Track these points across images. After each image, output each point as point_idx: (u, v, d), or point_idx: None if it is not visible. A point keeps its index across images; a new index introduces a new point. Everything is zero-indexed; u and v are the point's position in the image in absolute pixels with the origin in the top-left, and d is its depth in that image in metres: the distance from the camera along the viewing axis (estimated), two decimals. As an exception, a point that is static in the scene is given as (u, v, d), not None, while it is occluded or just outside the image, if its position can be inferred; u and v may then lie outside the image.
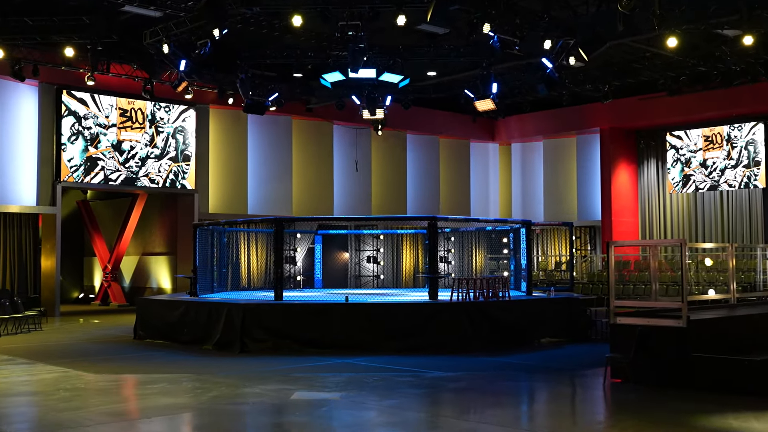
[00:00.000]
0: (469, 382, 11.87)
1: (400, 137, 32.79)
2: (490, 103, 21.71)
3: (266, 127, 29.50)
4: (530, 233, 18.73)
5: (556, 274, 29.49)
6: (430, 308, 15.78)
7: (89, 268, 33.43)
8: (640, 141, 31.22)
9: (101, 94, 26.20)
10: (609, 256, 11.54)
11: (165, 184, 27.56)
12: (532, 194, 34.34)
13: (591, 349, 15.64)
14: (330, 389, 10.93)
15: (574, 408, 10.34)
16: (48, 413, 9.49)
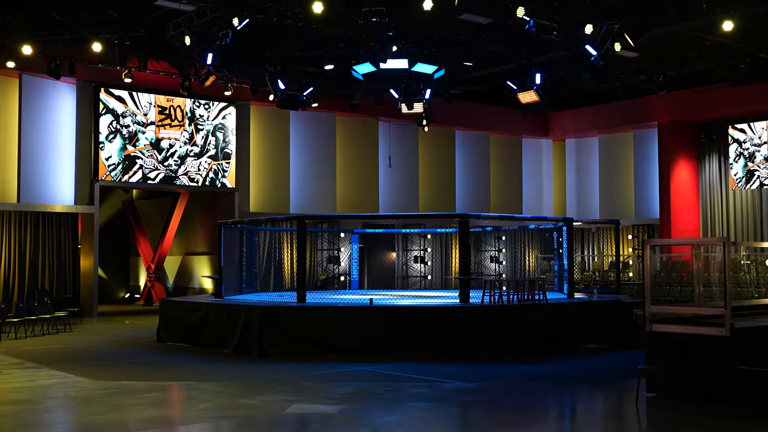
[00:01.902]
0: (488, 394, 10.83)
1: (448, 133, 31.73)
2: (533, 94, 20.55)
3: (309, 124, 28.78)
4: (571, 231, 17.54)
5: (611, 275, 28.12)
6: (458, 312, 14.75)
7: (135, 268, 33.23)
8: (701, 135, 29.61)
9: (139, 92, 25.80)
10: (645, 256, 10.38)
11: (205, 183, 27.04)
12: (588, 192, 32.94)
13: (634, 357, 14.35)
14: (332, 401, 10.03)
15: (600, 428, 9.23)
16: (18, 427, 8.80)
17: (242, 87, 25.98)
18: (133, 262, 33.30)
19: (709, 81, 25.81)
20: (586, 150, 33.16)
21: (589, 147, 33.01)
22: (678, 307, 12.60)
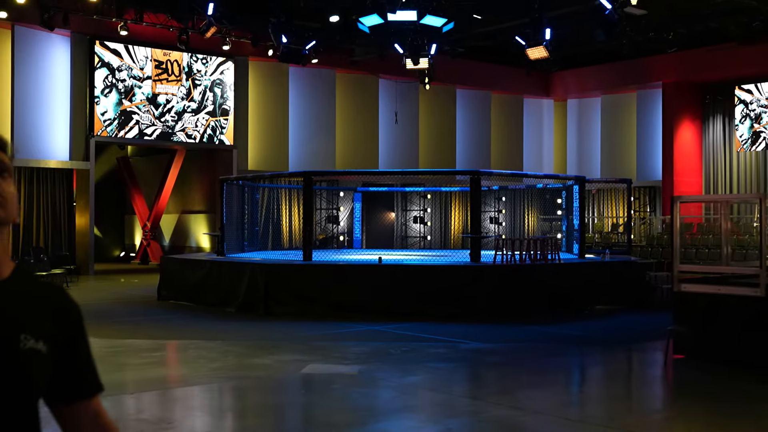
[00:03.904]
0: (508, 355, 10.47)
1: (449, 92, 31.15)
2: (543, 50, 20.00)
3: (308, 81, 28.15)
4: (584, 190, 17.11)
5: (613, 237, 27.79)
6: (470, 271, 14.37)
7: (130, 227, 32.72)
8: (706, 95, 29.12)
9: (135, 45, 25.11)
10: (674, 213, 9.97)
11: (202, 140, 26.47)
12: (589, 153, 32.51)
13: (649, 319, 14.10)
14: (348, 362, 9.64)
15: (629, 390, 8.89)
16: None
17: (241, 41, 25.31)
18: (128, 220, 32.79)
19: (720, 40, 25.26)
20: (588, 110, 32.67)
21: (592, 107, 32.51)
22: (709, 267, 12.22)
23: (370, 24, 18.39)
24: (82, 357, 1.92)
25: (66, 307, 1.92)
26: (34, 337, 1.79)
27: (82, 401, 1.92)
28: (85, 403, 1.92)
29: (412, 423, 6.97)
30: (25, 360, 1.77)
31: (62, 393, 1.89)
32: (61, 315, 1.89)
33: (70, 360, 1.89)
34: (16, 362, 1.76)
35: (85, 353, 1.93)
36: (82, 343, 1.93)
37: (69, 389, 1.90)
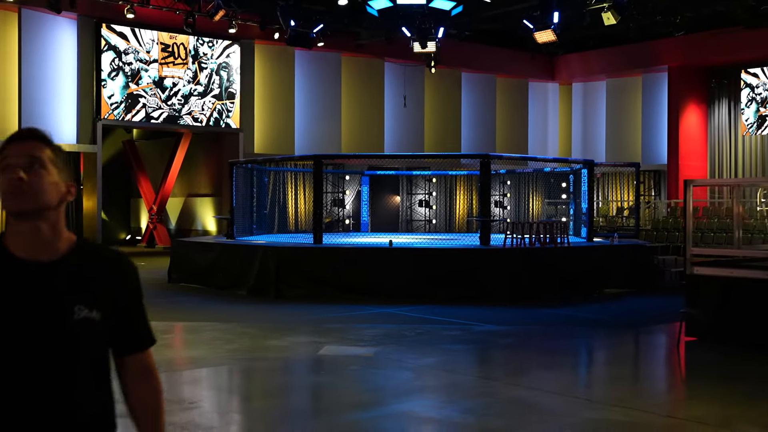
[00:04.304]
0: (521, 337, 10.57)
1: (455, 75, 31.14)
2: (550, 34, 20.01)
3: (314, 64, 28.13)
4: (592, 174, 17.16)
5: (618, 221, 27.85)
6: (480, 254, 14.44)
7: (136, 210, 32.79)
8: (712, 79, 29.12)
9: (142, 28, 25.09)
10: (687, 197, 10.03)
11: (209, 123, 26.50)
12: (594, 137, 32.52)
13: (659, 302, 14.20)
14: (364, 343, 9.74)
15: (644, 372, 8.98)
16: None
17: (247, 24, 25.31)
18: (133, 203, 32.85)
19: (726, 24, 25.22)
20: (593, 94, 32.65)
21: (597, 91, 32.49)
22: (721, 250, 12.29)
23: (379, 7, 18.39)
24: (136, 317, 2.21)
25: (122, 275, 2.18)
26: (88, 307, 2.06)
27: (135, 354, 2.22)
28: (137, 356, 2.22)
29: (431, 403, 7.06)
30: (79, 329, 2.04)
31: (119, 347, 2.19)
32: (117, 283, 2.15)
33: (126, 320, 2.17)
34: (70, 331, 2.03)
35: (140, 314, 2.22)
36: (137, 305, 2.21)
37: (124, 344, 2.20)
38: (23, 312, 2.01)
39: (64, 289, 2.05)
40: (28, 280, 2.04)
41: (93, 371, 2.09)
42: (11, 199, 2.06)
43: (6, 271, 2.05)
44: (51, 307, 2.03)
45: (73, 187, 2.23)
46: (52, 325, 2.02)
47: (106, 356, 2.16)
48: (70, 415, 2.04)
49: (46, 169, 2.13)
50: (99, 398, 2.12)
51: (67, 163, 2.26)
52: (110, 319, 2.11)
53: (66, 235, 2.15)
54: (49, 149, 2.19)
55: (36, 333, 2.00)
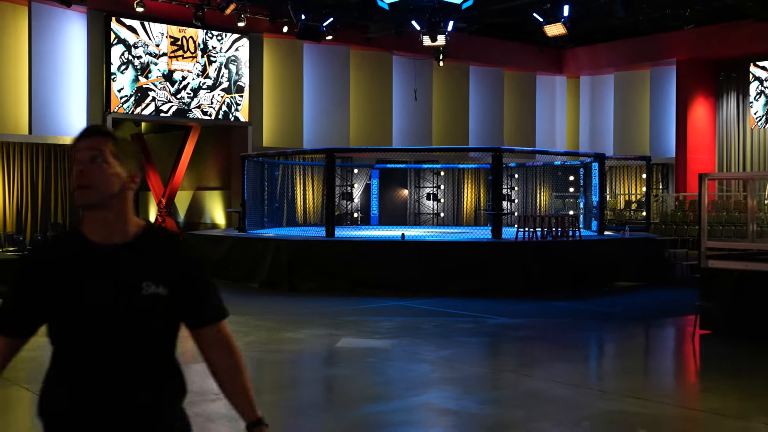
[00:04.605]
0: (535, 330, 10.63)
1: (463, 69, 31.14)
2: (561, 27, 20.02)
3: (323, 58, 28.16)
4: (603, 168, 17.18)
5: (626, 214, 27.88)
6: (493, 247, 14.51)
7: (144, 203, 32.87)
8: (720, 72, 29.06)
9: (151, 22, 25.13)
10: (702, 190, 10.08)
11: (218, 116, 26.55)
12: (601, 130, 32.51)
13: (670, 295, 14.25)
14: (381, 336, 9.81)
15: (658, 364, 9.05)
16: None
17: (256, 18, 25.33)
18: (142, 196, 32.93)
19: (736, 17, 25.19)
20: (601, 87, 32.64)
21: (604, 84, 32.48)
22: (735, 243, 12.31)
23: (390, 0, 18.42)
24: (203, 292, 2.40)
25: (183, 256, 2.40)
26: (155, 283, 2.28)
27: (207, 326, 2.42)
28: (210, 328, 2.42)
29: (451, 395, 7.12)
30: (148, 303, 2.27)
31: (191, 320, 2.40)
32: (180, 263, 2.37)
33: (193, 296, 2.37)
34: (141, 305, 2.26)
35: (206, 289, 2.41)
36: (201, 282, 2.40)
37: (195, 317, 2.40)
38: (99, 289, 2.25)
39: (133, 267, 2.29)
40: (102, 261, 2.28)
41: (161, 340, 2.33)
42: (77, 193, 2.34)
43: (83, 253, 2.29)
44: (122, 284, 2.26)
45: (137, 176, 2.43)
46: (123, 300, 2.25)
47: (175, 328, 2.38)
48: (140, 378, 2.28)
49: (107, 162, 2.32)
50: (167, 364, 2.36)
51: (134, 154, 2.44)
52: (177, 294, 2.33)
53: (134, 219, 2.38)
54: (110, 142, 2.38)
55: (109, 307, 2.24)
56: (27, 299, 2.29)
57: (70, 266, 2.27)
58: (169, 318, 2.35)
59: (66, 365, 2.29)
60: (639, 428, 5.96)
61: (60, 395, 2.29)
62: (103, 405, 2.25)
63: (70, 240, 2.34)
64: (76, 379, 2.26)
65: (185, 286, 2.35)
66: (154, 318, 2.30)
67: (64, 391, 2.28)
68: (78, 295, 2.24)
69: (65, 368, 2.29)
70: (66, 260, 2.28)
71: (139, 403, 2.28)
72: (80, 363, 2.27)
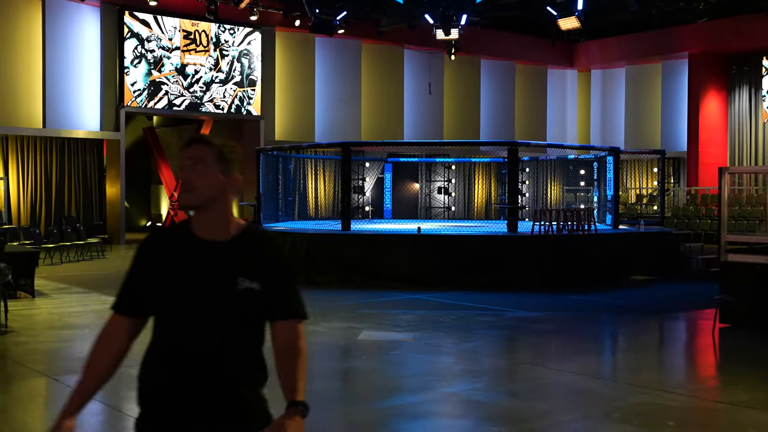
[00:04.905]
0: (554, 323, 10.67)
1: (474, 62, 31.14)
2: (574, 20, 20.02)
3: (334, 51, 28.20)
4: (618, 161, 17.18)
5: (637, 208, 27.86)
6: (509, 241, 14.54)
7: (156, 196, 32.98)
8: (733, 66, 28.99)
9: (164, 15, 25.19)
10: (722, 184, 10.09)
11: (230, 110, 26.63)
12: (612, 124, 32.48)
13: (687, 289, 14.28)
14: (401, 329, 9.86)
15: (680, 357, 9.08)
16: (93, 350, 8.62)
17: (268, 11, 25.38)
18: (154, 190, 33.04)
19: (748, 10, 25.13)
20: (612, 81, 32.60)
21: (616, 78, 32.44)
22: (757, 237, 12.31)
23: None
24: (285, 292, 2.62)
25: (275, 257, 2.62)
26: (249, 279, 2.52)
27: (283, 322, 2.62)
28: (285, 323, 2.62)
29: (478, 386, 7.16)
30: (242, 296, 2.50)
31: (272, 315, 2.61)
32: (271, 263, 2.59)
33: (277, 294, 2.59)
34: (235, 298, 2.50)
35: (288, 289, 2.63)
36: (286, 282, 2.62)
37: (278, 312, 2.61)
38: (201, 280, 2.50)
39: (232, 264, 2.52)
40: (206, 256, 2.53)
41: (249, 331, 2.56)
42: (180, 196, 2.55)
43: (188, 247, 2.54)
44: (221, 278, 2.51)
45: (238, 180, 2.60)
46: (220, 292, 2.50)
47: (262, 320, 2.61)
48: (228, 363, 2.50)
49: (206, 168, 2.51)
50: (253, 353, 2.57)
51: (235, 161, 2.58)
52: (267, 291, 2.55)
53: (235, 219, 2.59)
54: (210, 150, 2.54)
55: (208, 297, 2.49)
56: (142, 280, 2.57)
57: (178, 257, 2.53)
58: (258, 311, 2.57)
59: (163, 345, 2.54)
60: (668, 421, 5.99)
61: (156, 372, 2.54)
62: (194, 385, 2.48)
63: (181, 233, 2.58)
64: (171, 359, 2.50)
65: (274, 284, 2.58)
66: (246, 310, 2.53)
67: (159, 370, 2.53)
68: (182, 284, 2.50)
69: (162, 347, 2.54)
70: (175, 251, 2.55)
71: (227, 385, 2.50)
72: (176, 344, 2.51)
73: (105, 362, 2.61)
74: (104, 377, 2.63)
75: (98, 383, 2.63)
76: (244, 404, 2.53)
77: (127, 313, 2.61)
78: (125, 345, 2.63)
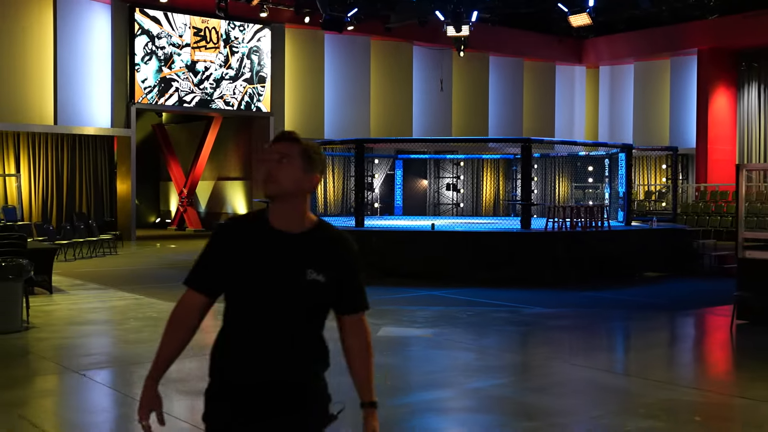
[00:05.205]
0: (571, 320, 10.71)
1: (483, 59, 31.17)
2: (586, 17, 20.04)
3: (344, 48, 28.24)
4: (630, 158, 17.21)
5: (646, 204, 27.89)
6: (523, 237, 14.59)
7: (165, 193, 33.07)
8: (742, 62, 28.97)
9: (174, 12, 25.27)
10: (740, 181, 10.12)
11: (240, 107, 26.70)
12: (621, 121, 32.49)
13: (700, 286, 14.32)
14: (419, 325, 9.92)
15: (701, 353, 9.12)
16: (117, 345, 8.72)
17: (278, 8, 25.43)
18: (163, 186, 33.13)
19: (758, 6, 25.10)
20: (621, 77, 32.61)
21: (624, 74, 32.44)
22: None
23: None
24: (354, 286, 2.79)
25: (344, 252, 2.76)
26: (317, 271, 2.67)
27: (352, 314, 2.81)
28: (353, 316, 2.81)
29: (502, 382, 7.22)
30: (308, 287, 2.66)
31: (339, 307, 2.79)
32: (339, 257, 2.74)
33: (346, 288, 2.75)
34: (301, 288, 2.65)
35: (354, 283, 2.78)
36: (352, 276, 2.78)
37: (344, 305, 2.79)
38: (272, 268, 2.66)
39: (302, 255, 2.67)
40: (278, 245, 2.68)
41: (314, 320, 2.72)
42: (263, 185, 2.70)
43: (267, 237, 2.69)
44: (291, 267, 2.66)
45: (317, 179, 2.75)
46: (288, 281, 2.65)
47: (325, 310, 2.75)
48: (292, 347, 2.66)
49: (291, 164, 2.67)
50: (314, 340, 2.74)
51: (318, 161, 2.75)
52: (332, 284, 2.70)
53: (309, 215, 2.74)
54: (297, 148, 2.70)
55: (276, 284, 2.65)
56: (218, 261, 2.70)
57: (254, 244, 2.68)
58: (323, 302, 2.72)
59: (234, 327, 2.70)
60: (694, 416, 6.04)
61: (227, 350, 2.69)
62: (263, 365, 2.64)
63: (258, 221, 2.74)
64: (241, 339, 2.66)
65: (341, 278, 2.73)
66: (311, 300, 2.68)
67: (230, 349, 2.69)
68: (254, 270, 2.65)
69: (234, 329, 2.70)
70: (252, 238, 2.70)
71: (293, 368, 2.66)
72: (246, 327, 2.67)
73: (179, 335, 2.75)
74: (180, 348, 2.76)
75: (174, 354, 2.76)
76: (308, 388, 2.70)
77: (200, 289, 2.74)
78: (197, 321, 2.77)
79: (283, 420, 2.66)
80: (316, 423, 2.75)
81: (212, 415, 2.68)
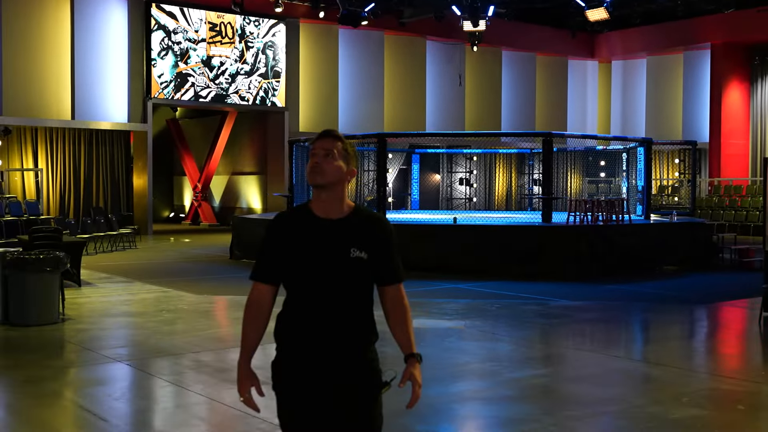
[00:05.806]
0: (599, 312, 10.80)
1: (496, 54, 31.23)
2: (603, 12, 20.09)
3: (358, 43, 28.33)
4: (650, 153, 17.26)
5: (659, 199, 27.95)
6: (546, 231, 14.67)
7: (179, 188, 33.22)
8: (755, 57, 28.98)
9: (190, 8, 25.38)
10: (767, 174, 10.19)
11: (255, 102, 26.81)
12: (633, 115, 32.52)
13: (722, 279, 14.40)
14: (450, 317, 10.02)
15: (731, 345, 9.19)
16: (152, 336, 8.83)
17: (293, 3, 25.53)
18: (176, 181, 33.27)
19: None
20: (633, 72, 32.63)
21: (637, 69, 32.47)
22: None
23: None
24: (389, 260, 3.16)
25: (381, 230, 3.13)
26: (360, 249, 3.04)
27: (388, 285, 3.19)
28: (392, 287, 3.21)
29: (543, 372, 7.31)
30: (353, 264, 3.03)
31: (379, 280, 3.17)
32: (377, 235, 3.11)
33: (384, 261, 3.13)
34: (348, 265, 3.03)
35: (391, 258, 3.17)
36: (389, 251, 3.16)
37: (383, 278, 3.17)
38: (320, 251, 3.02)
39: (345, 237, 3.05)
40: (323, 231, 3.05)
41: (361, 293, 3.07)
42: (311, 175, 3.08)
43: (310, 224, 3.07)
44: (336, 248, 3.03)
45: (354, 171, 3.13)
46: (336, 260, 3.02)
47: (371, 285, 3.13)
48: (345, 319, 3.01)
49: (335, 158, 3.06)
50: (364, 311, 3.08)
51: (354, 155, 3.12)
52: (374, 259, 3.07)
53: (347, 202, 3.13)
54: (340, 144, 3.09)
55: (326, 264, 3.02)
56: (275, 253, 3.08)
57: (302, 232, 3.06)
58: (367, 276, 3.10)
59: (293, 305, 3.05)
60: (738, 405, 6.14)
61: (289, 326, 3.05)
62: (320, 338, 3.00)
63: (303, 213, 3.12)
64: (300, 316, 3.03)
65: (380, 253, 3.09)
66: (357, 275, 3.05)
67: (291, 326, 3.05)
68: (305, 254, 3.02)
69: (293, 307, 3.05)
70: (299, 227, 3.08)
71: (346, 339, 3.02)
72: (303, 305, 3.03)
73: (258, 324, 3.10)
74: (262, 334, 3.11)
75: (258, 340, 3.12)
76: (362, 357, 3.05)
77: (268, 281, 3.10)
78: (270, 308, 3.13)
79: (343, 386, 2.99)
80: (373, 389, 3.08)
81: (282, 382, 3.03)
